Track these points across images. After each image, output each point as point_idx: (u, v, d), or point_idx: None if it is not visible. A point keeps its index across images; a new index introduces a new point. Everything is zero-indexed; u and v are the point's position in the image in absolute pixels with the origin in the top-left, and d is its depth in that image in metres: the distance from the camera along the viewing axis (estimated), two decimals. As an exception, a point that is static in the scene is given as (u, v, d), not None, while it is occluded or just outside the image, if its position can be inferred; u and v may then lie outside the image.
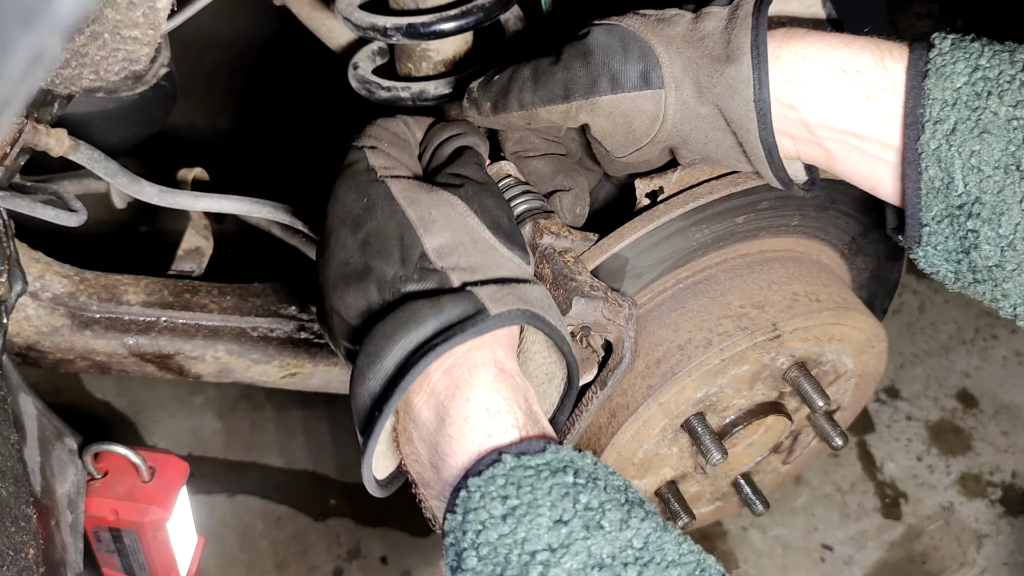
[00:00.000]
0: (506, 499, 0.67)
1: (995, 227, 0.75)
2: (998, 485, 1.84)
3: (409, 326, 0.74)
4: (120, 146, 1.39)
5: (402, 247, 0.79)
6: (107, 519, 1.16)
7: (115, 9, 0.88)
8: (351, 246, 0.82)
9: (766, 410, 1.09)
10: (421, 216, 0.80)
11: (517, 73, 0.89)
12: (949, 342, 2.05)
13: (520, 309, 0.75)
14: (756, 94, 0.80)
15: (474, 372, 0.74)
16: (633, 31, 0.85)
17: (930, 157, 0.77)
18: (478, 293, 0.75)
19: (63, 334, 1.19)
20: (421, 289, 0.77)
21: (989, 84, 0.74)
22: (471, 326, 0.73)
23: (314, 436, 1.91)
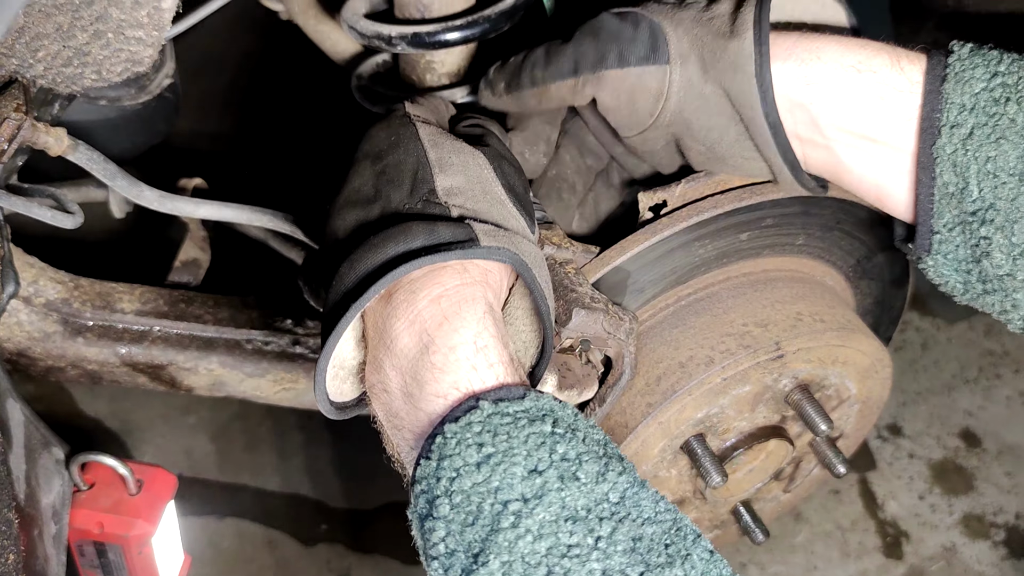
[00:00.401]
0: (481, 446, 0.66)
1: (1008, 235, 0.74)
2: (1001, 526, 1.81)
3: (399, 238, 0.73)
4: (121, 156, 1.38)
5: (414, 180, 0.79)
6: (92, 532, 1.14)
7: (120, 8, 0.88)
8: (367, 175, 0.82)
9: (768, 434, 1.07)
10: (440, 157, 0.80)
11: (530, 53, 0.91)
12: (952, 380, 2.03)
13: (510, 250, 0.74)
14: (757, 69, 0.80)
15: (464, 305, 0.72)
16: (643, 14, 0.86)
17: (946, 162, 0.76)
18: (474, 226, 0.74)
19: (55, 340, 1.17)
20: (421, 214, 0.76)
21: (1008, 90, 0.74)
22: (458, 247, 0.72)
23: (307, 459, 1.88)
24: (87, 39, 0.90)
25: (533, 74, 0.90)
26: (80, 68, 0.92)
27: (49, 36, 0.88)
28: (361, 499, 1.83)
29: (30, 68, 0.91)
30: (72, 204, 1.03)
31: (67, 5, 0.86)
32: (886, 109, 0.79)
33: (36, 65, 0.91)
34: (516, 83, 0.92)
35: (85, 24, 0.88)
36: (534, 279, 0.76)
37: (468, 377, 0.70)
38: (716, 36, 0.82)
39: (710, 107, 0.85)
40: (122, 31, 0.90)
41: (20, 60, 0.90)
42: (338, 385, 0.80)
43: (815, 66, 0.80)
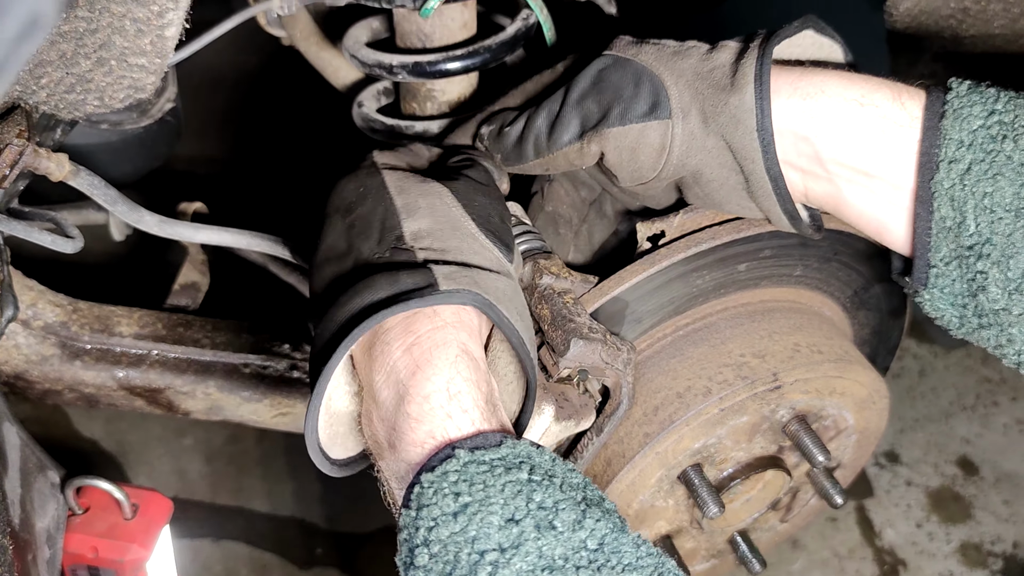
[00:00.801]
0: (458, 496, 0.66)
1: (1004, 270, 0.75)
2: (999, 555, 1.80)
3: (363, 293, 0.74)
4: (123, 179, 1.39)
5: (382, 229, 0.80)
6: (86, 557, 1.13)
7: (123, 36, 0.88)
8: (339, 229, 0.83)
9: (765, 464, 1.07)
10: (407, 203, 0.82)
11: (531, 123, 0.91)
12: (950, 408, 2.03)
13: (471, 291, 0.74)
14: (759, 123, 0.81)
15: (435, 351, 0.73)
16: (645, 66, 0.86)
17: (943, 196, 0.77)
18: (435, 270, 0.75)
19: (52, 364, 1.17)
20: (389, 263, 0.77)
21: (1004, 128, 0.75)
22: (417, 295, 0.72)
23: (303, 483, 1.87)
24: (90, 66, 0.90)
25: (538, 145, 0.90)
26: (83, 95, 0.93)
27: (52, 63, 0.89)
28: (355, 523, 1.82)
29: (33, 94, 0.92)
30: (72, 228, 1.03)
31: (71, 33, 0.87)
32: (887, 144, 0.80)
33: (39, 92, 0.91)
34: (519, 154, 0.92)
35: (88, 51, 0.89)
36: (500, 316, 0.76)
37: (443, 425, 0.71)
38: (717, 89, 0.83)
39: (712, 159, 0.85)
40: (125, 58, 0.90)
41: (23, 87, 0.91)
42: (340, 440, 0.80)
43: (819, 100, 0.81)
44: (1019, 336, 0.77)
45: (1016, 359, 0.79)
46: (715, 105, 0.82)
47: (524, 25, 1.09)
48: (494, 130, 0.94)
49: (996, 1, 1.20)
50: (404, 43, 1.09)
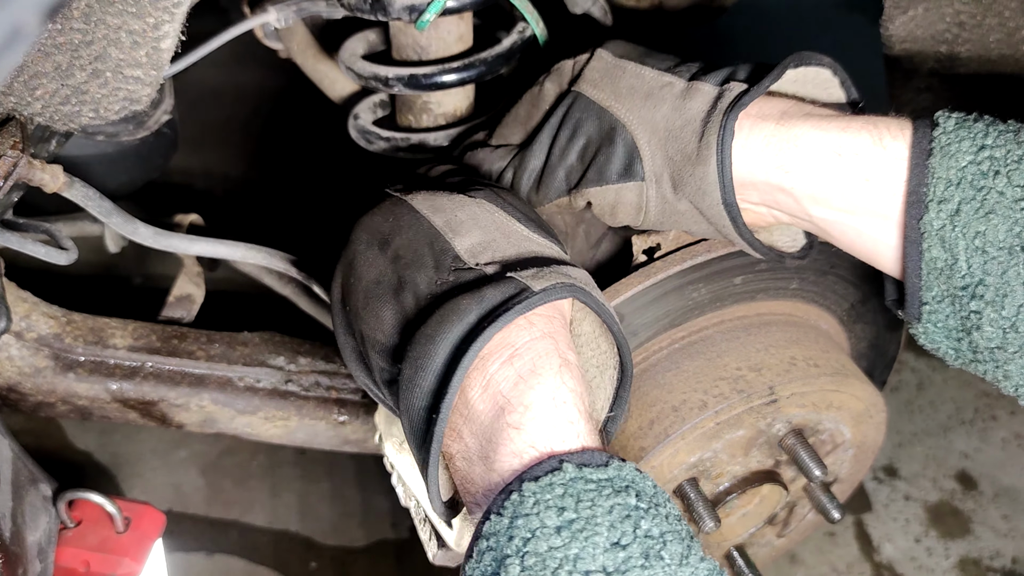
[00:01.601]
0: (563, 511, 0.63)
1: (998, 309, 0.73)
2: (998, 571, 1.79)
3: (452, 320, 0.71)
4: (119, 190, 1.39)
5: (434, 253, 0.77)
6: (77, 571, 1.12)
7: (118, 48, 0.88)
8: (381, 264, 0.80)
9: (761, 478, 1.06)
10: (448, 221, 0.79)
11: (519, 177, 0.91)
12: (948, 422, 2.02)
13: (565, 283, 0.72)
14: (723, 197, 0.81)
15: (538, 361, 0.70)
16: (620, 120, 0.86)
17: (933, 237, 0.75)
18: (518, 276, 0.72)
19: (46, 376, 1.16)
20: (459, 285, 0.74)
21: (996, 163, 0.72)
22: (515, 303, 0.69)
23: (298, 496, 1.86)
24: (85, 78, 0.90)
25: (528, 197, 0.92)
26: (78, 106, 0.93)
27: (47, 75, 0.89)
28: (351, 537, 1.81)
29: (28, 106, 0.92)
30: (66, 240, 1.03)
31: (66, 44, 0.87)
32: (871, 189, 0.78)
33: (34, 103, 0.91)
34: None
35: (84, 63, 0.89)
36: (598, 303, 0.74)
37: (547, 435, 0.68)
38: (684, 158, 0.83)
39: (687, 219, 0.87)
40: (120, 70, 0.90)
41: (18, 98, 0.91)
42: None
43: (792, 154, 0.79)
44: (1015, 372, 0.75)
45: (1014, 392, 0.77)
46: (682, 174, 0.83)
47: (520, 37, 1.09)
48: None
49: (992, 16, 1.20)
50: (400, 55, 1.09)
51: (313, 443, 1.31)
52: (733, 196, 0.81)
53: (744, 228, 0.83)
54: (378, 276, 0.79)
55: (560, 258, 0.78)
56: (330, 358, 1.28)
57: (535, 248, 0.78)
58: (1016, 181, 0.72)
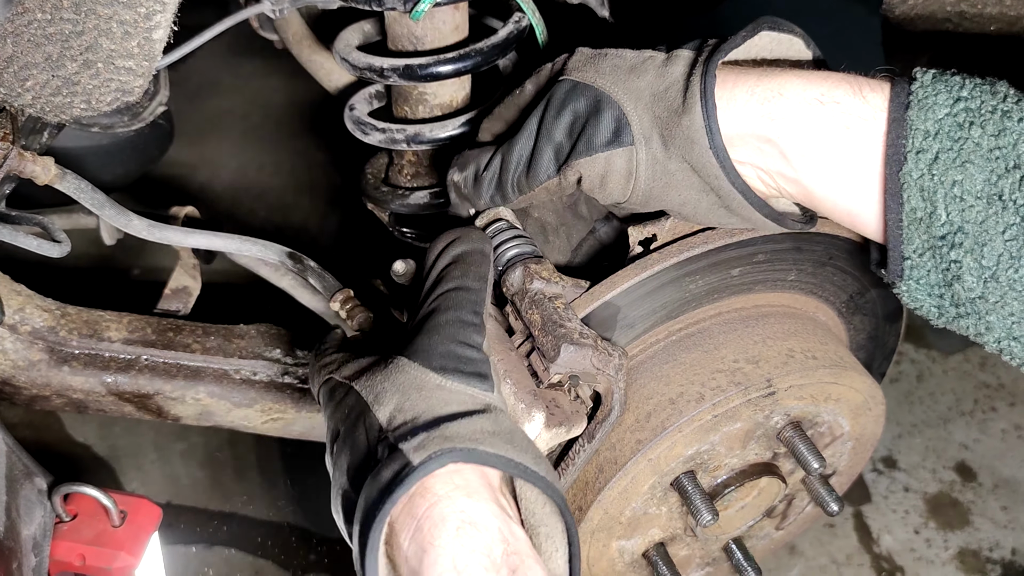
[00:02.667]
0: None
1: (978, 258, 0.74)
2: (998, 562, 1.79)
3: (361, 506, 0.76)
4: (114, 182, 1.39)
5: (366, 435, 0.80)
6: (73, 564, 1.12)
7: (110, 39, 0.87)
8: (343, 450, 0.83)
9: (759, 471, 1.06)
10: (377, 395, 0.82)
11: (507, 163, 0.90)
12: (948, 413, 2.02)
13: (443, 448, 0.73)
14: (711, 141, 0.81)
15: (434, 531, 0.72)
16: (604, 92, 0.86)
17: (913, 187, 0.76)
18: (404, 448, 0.75)
19: (40, 369, 1.16)
20: (375, 461, 0.78)
21: (971, 115, 0.74)
22: (397, 484, 0.73)
23: (296, 488, 1.86)
24: (76, 69, 0.89)
25: (519, 184, 0.91)
26: (69, 97, 0.92)
27: (38, 65, 0.88)
28: (351, 529, 1.81)
29: (18, 97, 0.91)
30: (59, 232, 1.03)
31: (57, 35, 0.86)
32: (852, 138, 0.79)
33: (24, 94, 0.91)
34: (502, 196, 0.92)
35: (75, 54, 0.88)
36: (484, 455, 0.75)
37: None
38: (671, 113, 0.83)
39: (678, 182, 0.86)
40: (112, 61, 0.89)
41: (8, 89, 0.90)
42: None
43: (778, 102, 0.81)
44: (997, 323, 0.76)
45: (996, 346, 0.78)
46: (670, 128, 0.83)
47: (516, 28, 1.08)
48: (469, 176, 0.93)
49: (993, 4, 1.19)
50: (395, 46, 1.08)
51: (311, 435, 1.30)
52: (721, 141, 0.81)
53: (736, 176, 0.82)
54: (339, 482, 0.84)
55: (465, 408, 0.79)
56: (327, 350, 1.28)
57: (445, 397, 0.79)
58: (990, 131, 0.73)
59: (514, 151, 0.90)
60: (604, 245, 1.04)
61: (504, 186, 0.91)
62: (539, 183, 0.89)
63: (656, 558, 1.08)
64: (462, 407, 0.78)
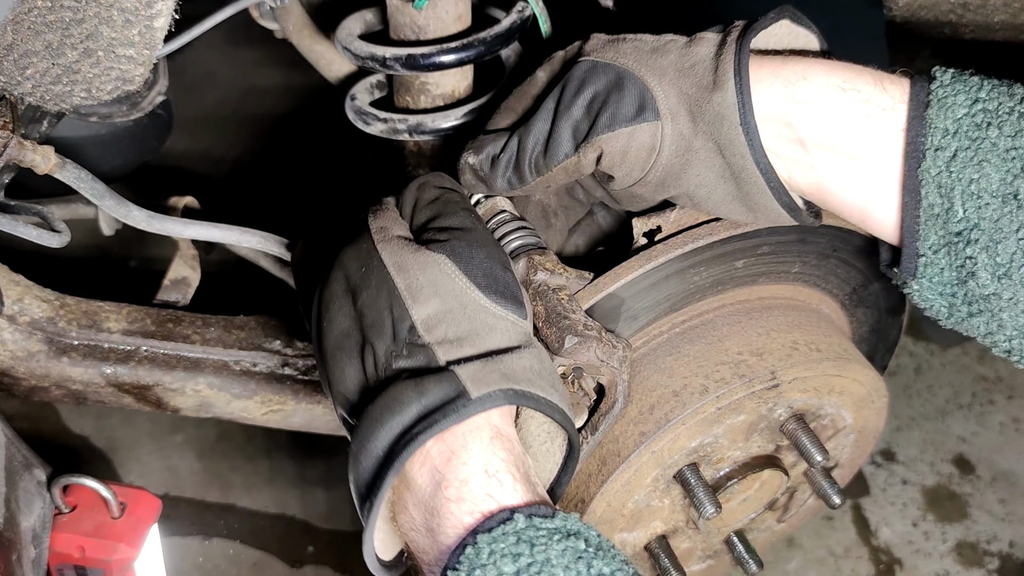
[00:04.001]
0: (518, 557, 0.66)
1: (992, 255, 0.76)
2: (995, 555, 1.79)
3: (394, 410, 0.74)
4: (113, 172, 1.38)
5: (392, 320, 0.78)
6: (72, 556, 1.12)
7: (111, 27, 0.87)
8: (348, 315, 0.81)
9: (762, 464, 1.06)
10: (409, 284, 0.79)
11: (524, 144, 0.89)
12: (946, 406, 2.02)
13: (502, 389, 0.74)
14: (742, 118, 0.81)
15: (469, 436, 0.73)
16: (627, 69, 0.85)
17: (931, 184, 0.78)
18: (460, 373, 0.74)
19: (39, 360, 1.15)
20: (409, 366, 0.76)
21: (989, 115, 0.76)
22: (452, 411, 0.72)
23: (295, 479, 1.86)
24: (77, 57, 0.89)
25: (536, 165, 0.89)
26: (69, 86, 0.91)
27: (38, 54, 0.87)
28: (348, 520, 1.81)
29: (18, 85, 0.90)
30: (59, 222, 1.02)
31: (57, 23, 0.85)
32: (870, 127, 0.80)
33: (24, 83, 0.90)
34: (519, 178, 0.90)
35: (75, 42, 0.87)
36: (537, 400, 0.76)
37: (485, 504, 0.71)
38: (700, 88, 0.83)
39: (700, 160, 0.85)
40: (113, 49, 0.89)
41: (8, 77, 0.89)
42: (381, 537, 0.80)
43: (802, 86, 0.82)
44: (1009, 321, 0.77)
45: (1007, 345, 0.79)
46: (699, 104, 0.83)
47: (520, 17, 1.08)
48: (485, 159, 0.91)
49: (996, -4, 1.19)
50: (398, 35, 1.07)
51: (310, 427, 1.30)
52: (753, 119, 0.81)
53: (763, 155, 0.82)
54: (347, 327, 0.81)
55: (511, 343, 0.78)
56: (327, 342, 1.27)
57: (490, 322, 0.78)
58: (1007, 132, 0.75)
59: (531, 132, 0.88)
60: (604, 231, 1.04)
61: (521, 167, 0.89)
62: (557, 162, 0.87)
63: (658, 551, 1.08)
64: (507, 338, 0.79)
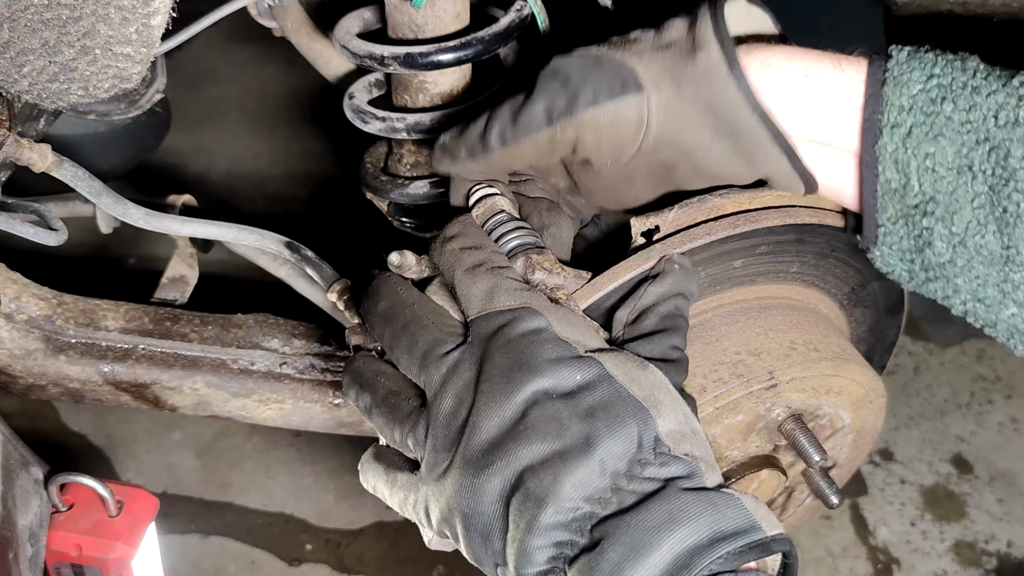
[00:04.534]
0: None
1: (948, 225, 0.78)
2: (993, 554, 1.79)
3: (680, 520, 0.66)
4: (111, 170, 1.38)
5: (636, 424, 0.71)
6: (69, 554, 1.12)
7: (108, 24, 0.86)
8: (564, 416, 0.72)
9: (760, 463, 1.05)
10: (646, 397, 0.74)
11: (495, 114, 0.88)
12: (944, 405, 2.02)
13: (788, 536, 0.69)
14: (731, 69, 0.82)
15: None
16: (602, 55, 0.86)
17: (887, 160, 0.80)
18: (745, 501, 0.69)
19: (36, 358, 1.15)
20: (668, 476, 0.70)
21: (943, 90, 0.77)
22: (753, 542, 0.66)
23: (293, 478, 1.86)
24: (74, 55, 0.88)
25: (503, 134, 0.86)
26: (66, 84, 0.91)
27: (35, 51, 0.87)
28: (347, 519, 1.81)
29: (15, 83, 0.90)
30: (56, 220, 1.02)
31: (54, 20, 0.85)
32: (832, 111, 0.82)
33: (21, 80, 0.90)
34: (484, 146, 0.88)
35: (72, 40, 0.87)
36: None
37: None
38: (681, 57, 0.84)
39: (691, 125, 0.85)
40: (110, 47, 0.88)
41: (5, 75, 0.89)
42: None
43: (766, 75, 0.83)
44: (964, 286, 0.80)
45: (963, 308, 0.82)
46: (684, 68, 0.83)
47: (518, 16, 1.08)
48: (456, 131, 0.90)
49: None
50: (396, 34, 1.07)
51: (308, 426, 1.30)
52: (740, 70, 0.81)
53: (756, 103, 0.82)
54: (559, 430, 0.71)
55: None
56: (325, 341, 1.27)
57: (711, 452, 0.75)
58: (961, 106, 0.76)
59: (504, 104, 0.88)
60: (591, 244, 1.04)
61: (488, 135, 0.87)
62: (528, 133, 0.86)
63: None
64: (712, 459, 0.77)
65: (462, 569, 1.72)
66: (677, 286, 0.88)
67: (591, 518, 0.69)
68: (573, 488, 0.69)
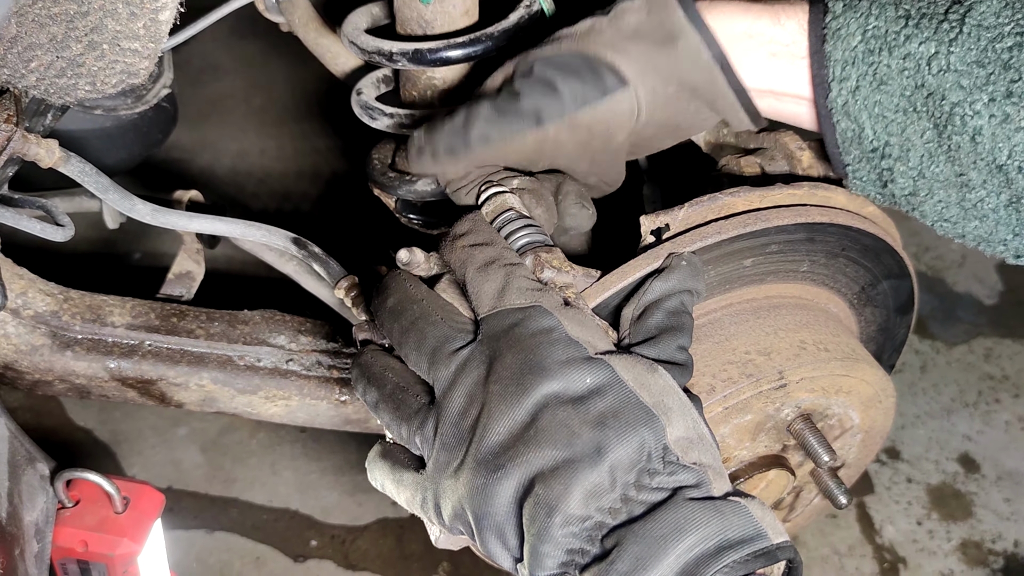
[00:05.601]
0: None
1: (905, 162, 0.85)
2: (1000, 554, 1.79)
3: (687, 530, 0.65)
4: (117, 166, 1.37)
5: (646, 432, 0.70)
6: (76, 550, 1.11)
7: (115, 19, 0.86)
8: (575, 423, 0.70)
9: (768, 463, 1.05)
10: (656, 403, 0.72)
11: (474, 110, 0.87)
12: (951, 404, 2.01)
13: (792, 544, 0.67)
14: (713, 52, 0.86)
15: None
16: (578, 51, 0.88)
17: (840, 112, 0.86)
18: (751, 508, 0.68)
19: (42, 354, 1.15)
20: (676, 485, 0.69)
21: (879, 41, 0.82)
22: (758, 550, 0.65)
23: (299, 474, 1.86)
24: (81, 50, 0.88)
25: (484, 132, 0.85)
26: (74, 79, 0.91)
27: (42, 46, 0.87)
28: (352, 515, 1.81)
29: (22, 78, 0.89)
30: (63, 216, 1.01)
31: (61, 15, 0.84)
32: (779, 64, 0.87)
33: (28, 75, 0.89)
34: (464, 143, 0.86)
35: (80, 35, 0.86)
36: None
37: None
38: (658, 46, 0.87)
39: (674, 102, 0.90)
40: (118, 42, 0.88)
41: (12, 70, 0.88)
42: None
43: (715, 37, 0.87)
44: (930, 211, 0.87)
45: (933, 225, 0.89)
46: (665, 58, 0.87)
47: (527, 12, 1.07)
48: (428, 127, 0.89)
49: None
50: (404, 30, 1.07)
51: (314, 422, 1.30)
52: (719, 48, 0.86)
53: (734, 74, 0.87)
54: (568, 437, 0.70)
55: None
56: (331, 337, 1.27)
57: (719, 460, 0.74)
58: (897, 54, 0.81)
59: (483, 102, 0.87)
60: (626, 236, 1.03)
61: (468, 132, 0.86)
62: (512, 133, 0.85)
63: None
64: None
65: (467, 567, 1.72)
66: (683, 282, 0.87)
67: (601, 527, 0.69)
68: (583, 497, 0.68)
